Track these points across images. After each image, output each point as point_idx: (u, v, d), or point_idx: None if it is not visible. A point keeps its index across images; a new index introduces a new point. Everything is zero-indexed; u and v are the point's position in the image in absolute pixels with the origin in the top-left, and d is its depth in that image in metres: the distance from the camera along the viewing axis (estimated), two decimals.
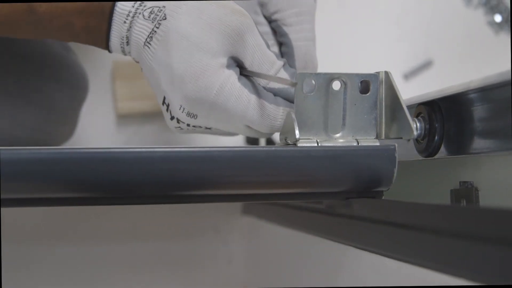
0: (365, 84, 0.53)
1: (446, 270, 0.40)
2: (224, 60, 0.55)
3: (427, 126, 0.54)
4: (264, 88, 0.56)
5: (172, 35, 0.54)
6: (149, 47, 0.56)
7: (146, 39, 0.55)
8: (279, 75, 0.56)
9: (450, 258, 0.38)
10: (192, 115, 0.57)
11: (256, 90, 0.56)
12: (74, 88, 0.94)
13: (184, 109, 0.56)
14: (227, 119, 0.56)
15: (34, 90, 0.87)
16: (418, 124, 0.55)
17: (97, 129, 1.25)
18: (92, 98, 1.25)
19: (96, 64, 1.24)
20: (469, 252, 0.36)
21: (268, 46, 0.57)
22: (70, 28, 0.56)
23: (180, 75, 0.55)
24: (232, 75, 0.55)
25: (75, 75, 0.94)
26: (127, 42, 0.56)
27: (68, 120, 0.96)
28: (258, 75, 0.56)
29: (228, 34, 0.55)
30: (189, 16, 0.54)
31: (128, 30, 0.55)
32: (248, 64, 0.56)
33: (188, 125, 0.58)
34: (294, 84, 0.53)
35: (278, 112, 0.56)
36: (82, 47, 1.20)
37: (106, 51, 0.58)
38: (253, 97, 0.56)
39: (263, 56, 0.56)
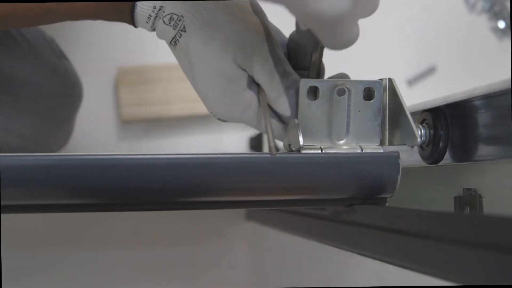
0: (369, 91, 0.53)
1: (450, 277, 0.39)
2: (244, 82, 0.55)
3: (432, 133, 0.54)
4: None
5: (192, 52, 0.54)
6: (174, 49, 0.56)
7: (171, 42, 0.55)
8: (278, 100, 0.54)
9: (454, 265, 0.38)
10: (222, 120, 0.58)
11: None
12: (68, 96, 0.93)
13: (214, 115, 0.58)
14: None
15: (26, 100, 0.87)
16: (422, 131, 0.55)
17: (101, 134, 1.25)
18: (96, 103, 1.26)
19: (100, 70, 1.24)
20: (473, 259, 0.36)
21: (280, 62, 0.54)
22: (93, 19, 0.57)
23: (205, 95, 0.56)
24: (253, 100, 0.55)
25: (68, 83, 0.93)
26: (154, 29, 0.56)
27: (63, 128, 0.95)
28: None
29: (239, 56, 0.54)
30: (204, 34, 0.53)
31: (152, 27, 0.55)
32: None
33: None
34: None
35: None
36: (85, 52, 1.20)
37: (110, 55, 0.57)
38: (273, 122, 0.55)
39: (266, 79, 0.54)
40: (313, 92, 0.52)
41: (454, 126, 0.54)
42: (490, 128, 0.50)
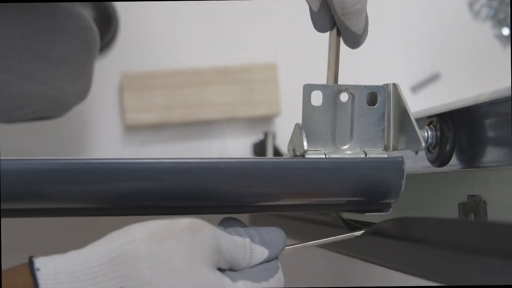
0: (373, 96, 0.53)
1: (453, 282, 0.39)
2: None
3: (438, 134, 0.54)
4: None
5: None
6: None
7: None
8: (254, 250, 0.48)
9: (461, 272, 0.38)
10: None
11: None
12: (82, 39, 0.91)
13: None
14: None
15: (40, 43, 0.85)
16: (429, 132, 0.54)
17: (105, 140, 1.25)
18: (100, 109, 1.26)
19: (104, 75, 1.24)
20: (479, 266, 0.36)
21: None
22: None
23: None
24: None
25: (81, 26, 0.91)
26: None
27: (80, 73, 0.93)
28: None
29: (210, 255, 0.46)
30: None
31: None
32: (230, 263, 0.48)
33: None
34: None
35: None
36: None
37: (114, 60, 0.55)
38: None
39: (235, 247, 0.48)
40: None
41: (459, 132, 0.54)
42: (494, 135, 0.50)
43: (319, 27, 0.55)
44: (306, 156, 0.51)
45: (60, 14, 0.87)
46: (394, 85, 0.53)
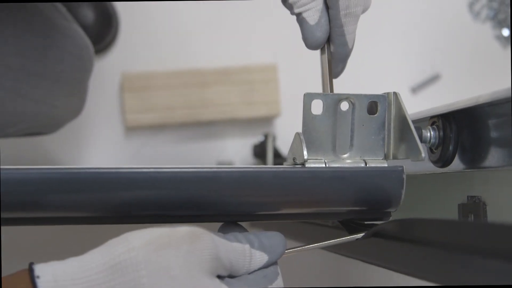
0: (373, 104, 0.53)
1: (454, 282, 0.40)
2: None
3: (441, 134, 0.54)
4: None
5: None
6: None
7: None
8: (253, 256, 0.49)
9: (461, 273, 0.39)
10: None
11: None
12: (77, 58, 0.91)
13: None
14: None
15: (35, 61, 0.84)
16: (432, 133, 0.54)
17: (106, 141, 1.25)
18: (100, 109, 1.26)
19: (104, 75, 1.24)
20: (479, 267, 0.37)
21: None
22: None
23: None
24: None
25: (76, 44, 0.91)
26: None
27: (74, 92, 0.94)
28: None
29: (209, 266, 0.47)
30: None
31: None
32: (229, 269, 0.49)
33: None
34: None
35: None
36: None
37: (114, 60, 0.54)
38: None
39: (234, 254, 0.48)
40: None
41: (461, 132, 0.54)
42: (495, 136, 0.50)
43: (315, 41, 0.56)
44: (306, 165, 0.51)
45: (56, 32, 0.87)
46: (395, 94, 0.53)
